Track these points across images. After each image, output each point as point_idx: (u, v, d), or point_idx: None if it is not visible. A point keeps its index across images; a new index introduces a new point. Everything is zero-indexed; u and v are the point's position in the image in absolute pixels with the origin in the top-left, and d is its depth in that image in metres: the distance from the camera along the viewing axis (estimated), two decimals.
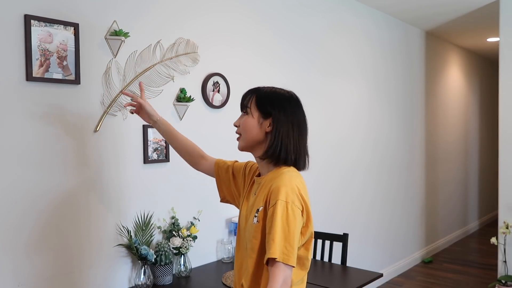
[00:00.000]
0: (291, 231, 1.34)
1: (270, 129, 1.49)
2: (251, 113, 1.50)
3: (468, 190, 6.57)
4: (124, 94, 2.07)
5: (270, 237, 1.34)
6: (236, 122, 1.55)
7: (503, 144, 3.93)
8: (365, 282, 2.32)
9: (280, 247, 1.32)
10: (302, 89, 3.47)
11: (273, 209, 1.36)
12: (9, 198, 1.92)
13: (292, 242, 1.34)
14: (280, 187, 1.39)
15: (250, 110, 1.51)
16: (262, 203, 1.44)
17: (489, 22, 4.72)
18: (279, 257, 1.31)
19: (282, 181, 1.41)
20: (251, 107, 1.50)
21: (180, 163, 2.60)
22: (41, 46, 1.98)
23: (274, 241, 1.32)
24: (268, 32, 3.18)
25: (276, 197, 1.37)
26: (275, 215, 1.35)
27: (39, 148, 2.00)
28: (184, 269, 2.46)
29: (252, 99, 1.51)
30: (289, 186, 1.39)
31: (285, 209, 1.35)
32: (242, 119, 1.53)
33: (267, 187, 1.44)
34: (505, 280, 3.82)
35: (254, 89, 1.55)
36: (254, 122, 1.50)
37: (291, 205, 1.36)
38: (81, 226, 2.16)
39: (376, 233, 4.40)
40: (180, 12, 2.58)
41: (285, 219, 1.35)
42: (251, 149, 1.54)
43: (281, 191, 1.37)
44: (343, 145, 3.94)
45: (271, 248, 1.32)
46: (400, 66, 4.72)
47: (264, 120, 1.49)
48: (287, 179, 1.42)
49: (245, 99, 1.53)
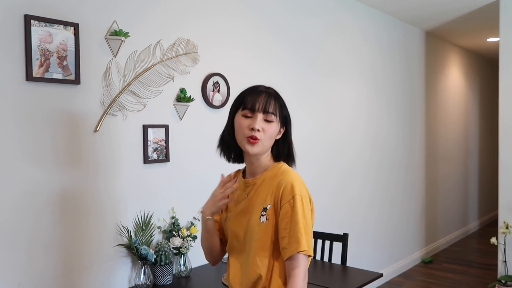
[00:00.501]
0: (308, 223, 1.42)
1: (280, 136, 1.53)
2: (276, 122, 1.49)
3: (468, 190, 6.57)
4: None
5: (296, 231, 1.39)
6: (258, 126, 1.45)
7: (503, 144, 3.93)
8: (365, 282, 2.32)
9: (305, 240, 1.39)
10: (301, 90, 3.48)
11: (292, 204, 1.41)
12: (9, 198, 1.92)
13: (311, 233, 1.42)
14: (292, 182, 1.43)
15: (276, 118, 1.48)
16: (269, 201, 1.45)
17: (489, 22, 4.72)
18: (306, 251, 1.38)
19: (290, 177, 1.45)
20: (277, 115, 1.48)
21: (180, 163, 2.61)
22: (41, 46, 1.98)
23: (302, 234, 1.38)
24: (267, 33, 3.18)
25: (292, 192, 1.42)
26: (295, 210, 1.40)
27: (39, 148, 2.00)
28: (184, 269, 2.46)
29: (276, 106, 1.48)
30: (299, 180, 1.45)
31: (302, 203, 1.41)
32: (268, 126, 1.47)
33: (271, 185, 1.46)
34: (505, 280, 3.82)
35: (270, 91, 1.51)
36: (277, 129, 1.50)
37: (305, 198, 1.43)
38: (81, 226, 2.16)
39: (376, 233, 4.40)
40: (180, 12, 2.58)
41: (302, 213, 1.41)
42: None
43: (295, 186, 1.42)
44: (342, 145, 3.94)
45: (300, 242, 1.38)
46: (400, 66, 4.72)
47: (281, 127, 1.52)
48: (293, 174, 1.47)
49: (269, 104, 1.47)
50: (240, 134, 1.48)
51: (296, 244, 1.38)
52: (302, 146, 3.48)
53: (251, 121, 1.46)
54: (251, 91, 1.51)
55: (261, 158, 1.52)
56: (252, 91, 1.50)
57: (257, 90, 1.50)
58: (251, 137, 1.45)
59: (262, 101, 1.47)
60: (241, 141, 1.49)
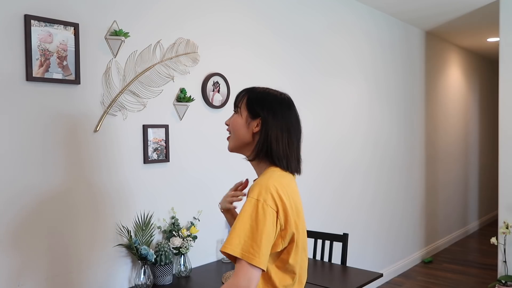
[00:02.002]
0: (259, 230, 1.28)
1: (258, 130, 1.46)
2: (240, 113, 1.49)
3: (468, 190, 6.57)
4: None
5: (231, 231, 1.31)
6: (226, 121, 1.54)
7: (503, 144, 3.93)
8: (365, 282, 2.32)
9: (245, 245, 1.27)
10: (302, 89, 3.48)
11: (243, 206, 1.34)
12: (9, 198, 1.92)
13: (259, 242, 1.27)
14: (254, 186, 1.36)
15: (240, 109, 1.50)
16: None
17: (489, 22, 4.72)
18: (240, 255, 1.27)
19: (258, 181, 1.38)
20: (241, 106, 1.50)
21: (180, 163, 2.61)
22: (41, 46, 1.98)
23: (231, 235, 1.29)
24: (268, 32, 3.18)
25: (250, 194, 1.35)
26: (242, 212, 1.32)
27: (39, 148, 2.00)
28: (184, 269, 2.46)
29: (243, 98, 1.51)
30: (264, 185, 1.34)
31: (255, 207, 1.31)
32: (231, 118, 1.53)
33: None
34: (505, 280, 3.82)
35: (248, 89, 1.54)
36: (242, 121, 1.48)
37: (262, 203, 1.31)
38: (81, 226, 2.16)
39: (376, 233, 4.41)
40: (180, 12, 2.58)
41: (254, 217, 1.30)
42: (240, 150, 1.52)
43: (254, 190, 1.34)
44: (344, 145, 3.94)
45: (227, 242, 1.28)
46: (400, 66, 4.72)
47: (252, 120, 1.47)
48: (265, 178, 1.38)
49: (237, 98, 1.53)
50: None
51: (225, 243, 1.29)
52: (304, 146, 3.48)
53: None
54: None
55: (253, 162, 1.50)
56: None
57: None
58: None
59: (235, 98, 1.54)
60: None
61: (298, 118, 1.54)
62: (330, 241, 2.77)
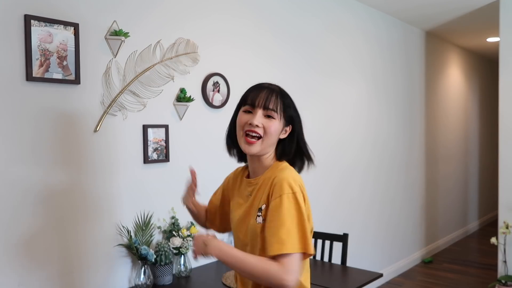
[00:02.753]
0: (302, 220, 1.35)
1: (285, 136, 1.49)
2: (278, 119, 1.44)
3: (468, 190, 6.57)
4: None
5: (284, 231, 1.32)
6: (257, 122, 1.42)
7: (503, 144, 3.93)
8: (365, 282, 2.32)
9: (299, 239, 1.33)
10: (301, 89, 3.48)
11: (279, 203, 1.35)
12: (9, 197, 1.92)
13: (306, 230, 1.34)
14: (283, 180, 1.38)
15: (279, 114, 1.44)
16: (264, 201, 1.42)
17: (489, 22, 4.72)
18: (298, 250, 1.32)
19: (283, 175, 1.40)
20: (279, 112, 1.44)
21: (180, 163, 2.61)
22: (41, 46, 1.98)
23: (282, 235, 1.32)
24: (268, 33, 3.18)
25: (280, 191, 1.36)
26: (282, 209, 1.34)
27: (39, 148, 2.00)
28: (184, 269, 2.46)
29: (279, 103, 1.45)
30: (291, 178, 1.38)
31: (291, 200, 1.35)
32: (269, 122, 1.43)
33: (267, 185, 1.43)
34: (505, 280, 3.82)
35: (277, 90, 1.48)
36: (280, 128, 1.46)
37: (298, 194, 1.36)
38: (81, 226, 2.16)
39: (376, 233, 4.41)
40: (180, 12, 2.58)
41: (295, 211, 1.34)
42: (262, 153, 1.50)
43: (284, 184, 1.37)
44: (342, 145, 3.94)
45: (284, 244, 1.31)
46: (400, 66, 4.72)
47: (285, 126, 1.48)
48: (288, 172, 1.42)
49: (270, 101, 1.44)
50: (240, 129, 1.46)
51: (278, 245, 1.32)
52: None
53: (250, 117, 1.44)
54: (254, 88, 1.49)
55: (263, 158, 1.49)
56: (255, 87, 1.49)
57: (259, 86, 1.48)
58: (249, 131, 1.43)
59: (263, 97, 1.44)
60: (239, 140, 1.47)
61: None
62: (330, 241, 2.77)
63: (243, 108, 1.47)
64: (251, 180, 1.52)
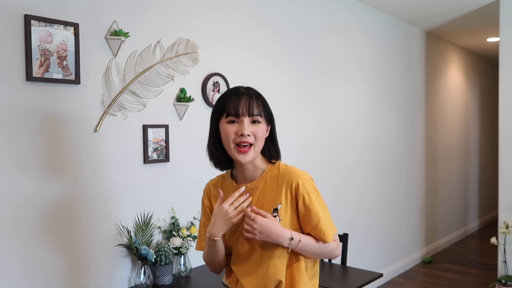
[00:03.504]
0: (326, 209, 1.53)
1: (267, 134, 1.49)
2: (263, 122, 1.45)
3: (468, 190, 6.57)
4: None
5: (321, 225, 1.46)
6: (247, 131, 1.40)
7: (503, 144, 3.92)
8: (365, 282, 2.32)
9: (330, 227, 1.50)
10: (302, 89, 3.48)
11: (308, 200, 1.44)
12: (9, 198, 1.92)
13: (329, 214, 1.53)
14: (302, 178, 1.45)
15: (262, 118, 1.44)
16: (279, 201, 1.44)
17: (489, 22, 4.72)
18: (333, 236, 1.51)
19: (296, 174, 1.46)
20: (263, 115, 1.44)
21: (180, 163, 2.61)
22: (41, 46, 1.98)
23: (326, 226, 1.47)
24: (268, 32, 3.18)
25: (305, 188, 1.45)
26: (313, 199, 1.45)
27: (39, 148, 2.00)
28: (184, 269, 2.46)
29: (260, 106, 1.44)
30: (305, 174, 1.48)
31: (316, 193, 1.48)
32: (257, 128, 1.42)
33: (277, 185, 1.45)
34: (505, 280, 3.82)
35: (254, 94, 1.46)
36: (265, 129, 1.47)
37: (316, 187, 1.50)
38: (81, 226, 2.16)
39: (376, 233, 4.41)
40: (180, 12, 2.58)
41: (321, 202, 1.49)
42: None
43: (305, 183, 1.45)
44: (343, 145, 3.94)
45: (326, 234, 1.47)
46: (400, 66, 4.72)
47: (267, 126, 1.49)
48: (298, 171, 1.49)
49: (252, 106, 1.42)
50: (228, 142, 1.43)
51: (323, 237, 1.47)
52: (304, 146, 3.49)
53: (238, 127, 1.41)
54: (231, 95, 1.44)
55: (255, 162, 1.48)
56: (232, 95, 1.44)
57: (237, 93, 1.44)
58: (241, 143, 1.40)
59: (245, 104, 1.41)
60: (230, 150, 1.44)
61: None
62: None
63: (226, 120, 1.43)
64: (247, 185, 1.50)
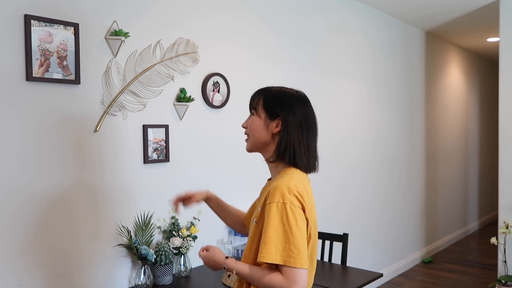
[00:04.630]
0: (294, 232, 1.31)
1: (278, 130, 1.46)
2: (258, 114, 1.49)
3: (468, 190, 6.57)
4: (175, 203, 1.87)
5: (263, 240, 1.32)
6: (244, 123, 1.55)
7: (503, 144, 3.92)
8: (365, 282, 2.32)
9: (284, 251, 1.30)
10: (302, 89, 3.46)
11: (268, 210, 1.34)
12: (9, 198, 1.92)
13: (297, 244, 1.31)
14: (276, 189, 1.36)
15: (257, 111, 1.50)
16: (260, 204, 1.45)
17: (489, 22, 4.72)
18: (282, 261, 1.30)
19: (279, 183, 1.38)
20: (258, 108, 1.50)
21: (180, 163, 2.61)
22: (41, 46, 1.98)
23: (267, 244, 1.31)
24: (268, 32, 3.18)
25: (272, 199, 1.35)
26: (270, 218, 1.32)
27: (39, 148, 2.00)
28: (184, 269, 2.46)
29: (259, 99, 1.50)
30: (285, 186, 1.35)
31: (284, 210, 1.32)
32: (250, 119, 1.53)
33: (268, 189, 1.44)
34: (505, 280, 3.82)
35: (262, 89, 1.54)
36: (261, 122, 1.48)
37: (289, 205, 1.32)
38: (81, 226, 2.16)
39: (376, 233, 4.41)
40: (180, 12, 2.58)
41: (285, 221, 1.31)
42: (259, 150, 1.54)
43: (276, 193, 1.35)
44: (343, 145, 3.94)
45: (264, 252, 1.31)
46: (400, 66, 4.72)
47: (271, 121, 1.47)
48: (285, 180, 1.38)
49: (253, 100, 1.52)
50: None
51: (259, 255, 1.33)
52: None
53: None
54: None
55: (267, 162, 1.54)
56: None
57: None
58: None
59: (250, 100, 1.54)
60: None
61: (314, 115, 1.53)
62: (330, 241, 2.77)
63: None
64: (268, 182, 1.58)
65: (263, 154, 1.54)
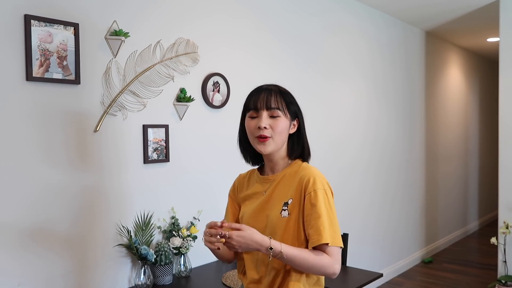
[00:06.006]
0: (335, 215, 1.47)
1: (293, 131, 1.55)
2: (283, 116, 1.50)
3: (468, 190, 6.57)
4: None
5: (318, 224, 1.41)
6: (266, 124, 1.47)
7: (503, 144, 3.93)
8: (365, 282, 2.32)
9: (335, 233, 1.43)
10: (301, 89, 3.48)
11: (314, 198, 1.44)
12: (9, 197, 1.92)
13: (337, 225, 1.46)
14: (314, 176, 1.47)
15: (282, 112, 1.50)
16: (291, 196, 1.48)
17: (489, 22, 4.72)
18: (335, 243, 1.42)
19: (312, 172, 1.49)
20: (284, 109, 1.50)
21: (180, 163, 2.61)
22: (41, 46, 1.98)
23: (324, 227, 1.41)
24: (267, 33, 3.18)
25: (314, 186, 1.45)
26: (318, 204, 1.43)
27: (39, 148, 2.00)
28: (184, 269, 2.46)
29: (281, 100, 1.51)
30: (319, 176, 1.49)
31: (325, 196, 1.46)
32: (275, 121, 1.48)
33: (292, 181, 1.49)
34: (505, 280, 3.82)
35: (274, 89, 1.53)
36: (288, 124, 1.52)
37: (328, 191, 1.49)
38: (81, 226, 2.16)
39: (376, 233, 4.40)
40: (180, 12, 2.58)
41: (329, 206, 1.46)
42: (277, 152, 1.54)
43: (317, 180, 1.46)
44: (342, 145, 3.94)
45: (322, 235, 1.41)
46: (400, 66, 4.72)
47: (292, 121, 1.54)
48: (315, 170, 1.51)
49: (270, 100, 1.49)
50: (251, 135, 1.52)
51: (317, 237, 1.41)
52: None
53: (257, 121, 1.49)
54: (253, 92, 1.54)
55: (277, 155, 1.54)
56: (254, 92, 1.54)
57: (258, 89, 1.54)
58: (260, 136, 1.48)
59: (263, 99, 1.50)
60: (253, 143, 1.53)
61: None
62: None
63: (248, 114, 1.53)
64: (269, 177, 1.57)
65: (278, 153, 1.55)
